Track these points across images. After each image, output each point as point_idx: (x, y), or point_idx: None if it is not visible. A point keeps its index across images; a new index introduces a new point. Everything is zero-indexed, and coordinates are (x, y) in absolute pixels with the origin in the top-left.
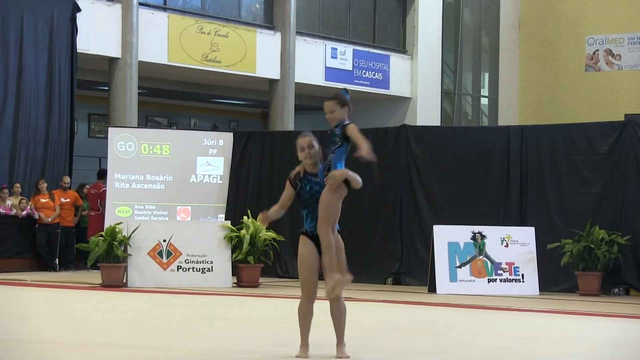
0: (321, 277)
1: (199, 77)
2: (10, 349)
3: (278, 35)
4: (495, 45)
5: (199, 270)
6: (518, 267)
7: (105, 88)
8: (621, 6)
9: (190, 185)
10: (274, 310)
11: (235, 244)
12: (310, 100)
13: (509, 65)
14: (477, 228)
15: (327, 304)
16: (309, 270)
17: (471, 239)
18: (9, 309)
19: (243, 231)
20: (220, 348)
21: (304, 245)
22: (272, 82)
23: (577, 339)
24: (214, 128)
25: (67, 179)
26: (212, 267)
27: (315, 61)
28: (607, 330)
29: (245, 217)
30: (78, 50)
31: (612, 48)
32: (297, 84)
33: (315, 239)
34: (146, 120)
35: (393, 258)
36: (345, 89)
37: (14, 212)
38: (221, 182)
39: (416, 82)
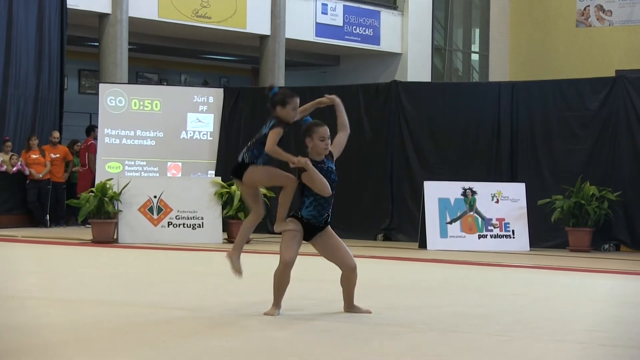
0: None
1: (190, 33)
2: (0, 305)
3: None
4: (486, 0)
5: (190, 227)
6: (508, 223)
7: (96, 44)
8: None
9: (181, 141)
10: (263, 266)
11: (226, 200)
12: (300, 57)
13: (499, 21)
14: (467, 184)
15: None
16: (293, 240)
17: (462, 195)
18: None
19: (234, 187)
20: (211, 304)
21: (293, 224)
22: (263, 38)
23: (567, 295)
24: (205, 84)
25: (56, 134)
26: (202, 223)
27: (306, 17)
28: (598, 286)
29: None
30: (68, 6)
31: (602, 4)
32: (287, 40)
33: (307, 226)
34: (136, 76)
35: (383, 214)
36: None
37: (4, 168)
38: (211, 138)
39: (407, 38)
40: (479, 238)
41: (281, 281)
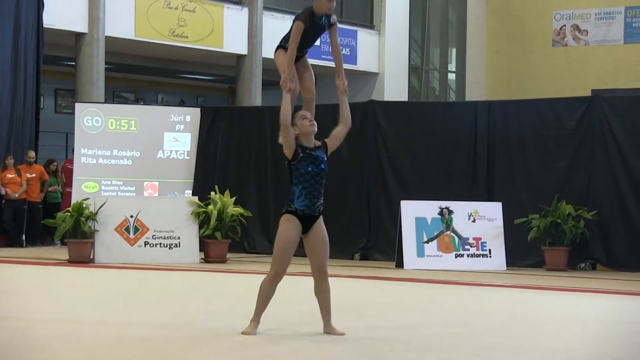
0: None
1: (166, 53)
2: None
3: (245, 10)
4: (463, 20)
5: (166, 246)
6: (485, 242)
7: (72, 63)
8: None
9: (158, 160)
10: (240, 285)
11: (203, 220)
12: (278, 76)
13: (476, 41)
14: (444, 203)
15: (301, 280)
16: (287, 251)
17: (438, 214)
18: None
19: (210, 207)
20: (186, 323)
21: (291, 225)
22: (240, 57)
23: (544, 314)
24: (181, 103)
25: (32, 154)
26: (179, 242)
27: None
28: (574, 305)
29: (212, 193)
30: (44, 25)
31: (578, 23)
32: (264, 59)
33: (304, 219)
34: (113, 95)
35: (361, 233)
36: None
37: None
38: (188, 157)
39: (384, 57)
40: (455, 257)
41: (267, 292)
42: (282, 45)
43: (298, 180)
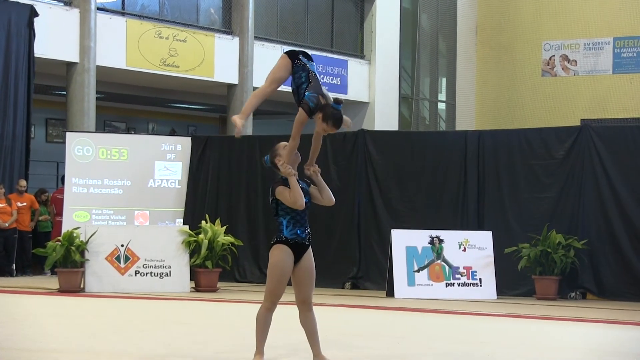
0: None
1: (157, 82)
2: None
3: (236, 40)
4: (453, 50)
5: (157, 275)
6: (476, 272)
7: (63, 93)
8: (577, 12)
9: (149, 189)
10: (231, 315)
11: (194, 249)
12: (268, 105)
13: (466, 70)
14: (434, 232)
15: (291, 309)
16: (281, 283)
17: (429, 243)
18: None
19: (201, 236)
20: (177, 353)
21: (285, 255)
22: (231, 86)
23: (534, 344)
24: (172, 133)
25: (23, 183)
26: (170, 271)
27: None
28: (564, 334)
29: (203, 222)
30: (35, 55)
31: (568, 54)
32: (255, 88)
33: (295, 247)
34: (104, 124)
35: (351, 262)
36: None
37: None
38: (179, 186)
39: (374, 87)
40: (446, 286)
41: (265, 323)
42: (305, 104)
43: (285, 212)
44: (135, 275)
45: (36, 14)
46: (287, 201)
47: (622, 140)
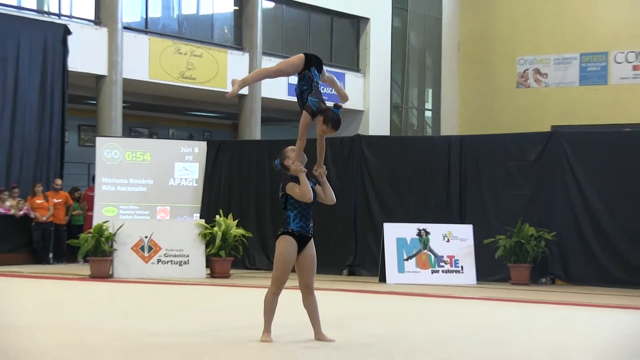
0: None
1: (177, 93)
2: (5, 334)
3: (246, 55)
4: (438, 64)
5: (177, 263)
6: (458, 260)
7: (94, 102)
8: (548, 30)
9: (169, 188)
10: (242, 298)
11: (209, 240)
12: (275, 113)
13: (449, 82)
14: (422, 225)
15: (295, 293)
16: (286, 270)
17: (417, 235)
18: (7, 297)
19: (215, 228)
20: (197, 331)
21: (290, 245)
22: (242, 96)
23: (509, 324)
24: (190, 137)
25: (58, 182)
26: (188, 260)
27: (280, 78)
28: (536, 315)
29: (217, 216)
30: (69, 69)
31: (539, 67)
32: (263, 98)
33: (300, 238)
34: (130, 130)
35: (348, 252)
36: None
37: (12, 212)
38: (196, 185)
39: (368, 97)
40: (432, 273)
41: (272, 306)
42: (308, 107)
43: (293, 207)
44: (158, 263)
45: (69, 33)
46: (297, 195)
47: (588, 145)
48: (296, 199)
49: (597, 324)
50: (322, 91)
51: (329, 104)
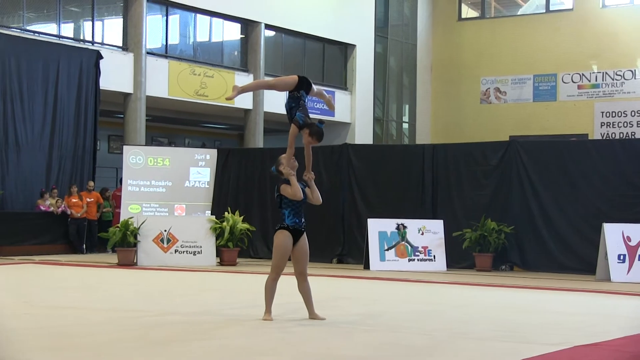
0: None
1: (192, 108)
2: (46, 313)
3: (251, 76)
4: (414, 83)
5: (191, 253)
6: (431, 250)
7: (121, 116)
8: (506, 55)
9: (185, 189)
10: (247, 283)
11: (219, 233)
12: (276, 125)
13: (423, 99)
14: (400, 220)
15: (291, 279)
16: (283, 259)
17: (396, 228)
18: (47, 282)
19: (224, 223)
20: (209, 311)
21: (286, 238)
22: (247, 111)
23: (474, 304)
24: (203, 146)
25: (91, 183)
26: (201, 250)
27: (280, 95)
28: (497, 296)
29: (226, 213)
30: (100, 88)
31: (499, 86)
32: (265, 112)
33: (294, 232)
34: (152, 140)
35: (337, 243)
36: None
37: (51, 209)
38: (208, 186)
39: (354, 111)
40: (409, 261)
41: (272, 290)
42: (296, 121)
43: (287, 205)
44: (175, 253)
45: (101, 57)
46: (289, 194)
47: (540, 152)
48: (289, 198)
49: (548, 304)
50: (314, 105)
51: (318, 117)
